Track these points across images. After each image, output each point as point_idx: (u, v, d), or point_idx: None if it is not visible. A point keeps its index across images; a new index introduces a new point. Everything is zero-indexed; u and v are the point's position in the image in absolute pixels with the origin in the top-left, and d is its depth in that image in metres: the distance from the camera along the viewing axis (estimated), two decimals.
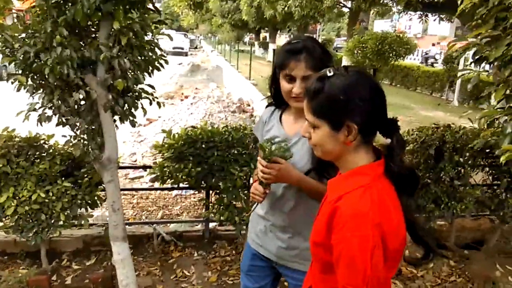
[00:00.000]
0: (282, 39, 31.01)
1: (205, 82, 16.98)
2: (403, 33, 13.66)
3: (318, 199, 1.42)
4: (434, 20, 8.89)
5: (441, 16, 10.86)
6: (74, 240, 3.43)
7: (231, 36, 32.84)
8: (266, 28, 29.21)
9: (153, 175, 3.33)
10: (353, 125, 1.04)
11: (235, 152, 3.28)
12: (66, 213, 3.01)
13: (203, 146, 3.26)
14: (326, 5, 13.88)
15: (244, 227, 3.28)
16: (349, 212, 1.00)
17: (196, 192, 5.15)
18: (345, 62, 13.72)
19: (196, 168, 3.19)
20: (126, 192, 4.90)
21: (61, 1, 2.46)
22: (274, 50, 25.64)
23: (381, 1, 12.20)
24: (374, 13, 17.99)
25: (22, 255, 3.31)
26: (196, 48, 37.50)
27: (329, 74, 1.07)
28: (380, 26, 21.06)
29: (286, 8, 17.11)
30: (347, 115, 1.04)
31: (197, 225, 4.13)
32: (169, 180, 3.36)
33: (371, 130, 1.09)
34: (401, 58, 12.46)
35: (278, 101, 1.72)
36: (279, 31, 30.84)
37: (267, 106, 1.86)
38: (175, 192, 5.22)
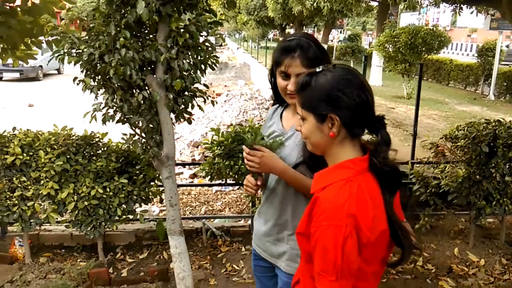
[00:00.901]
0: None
1: (233, 79, 17.07)
2: (436, 26, 13.35)
3: (305, 193, 1.45)
4: (471, 13, 8.61)
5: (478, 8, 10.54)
6: (127, 234, 3.56)
7: (256, 33, 32.86)
8: (292, 24, 29.07)
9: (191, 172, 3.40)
10: (335, 117, 1.09)
11: None
12: (122, 208, 3.13)
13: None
14: None
15: None
16: (327, 203, 1.05)
17: (236, 188, 5.26)
18: (376, 56, 13.54)
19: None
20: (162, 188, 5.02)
21: (121, 5, 2.56)
22: None
23: None
24: (404, 6, 17.62)
25: (79, 248, 3.47)
26: (221, 45, 37.70)
27: (318, 70, 1.14)
28: (406, 19, 20.58)
29: (314, 4, 17.01)
30: (330, 108, 1.10)
31: (240, 221, 4.20)
32: (217, 176, 3.45)
33: (356, 125, 1.12)
34: (435, 52, 12.24)
35: (278, 98, 1.72)
36: (304, 27, 30.69)
37: (273, 104, 1.84)
38: (215, 188, 5.31)
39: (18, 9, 3.20)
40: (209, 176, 3.47)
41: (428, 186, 3.55)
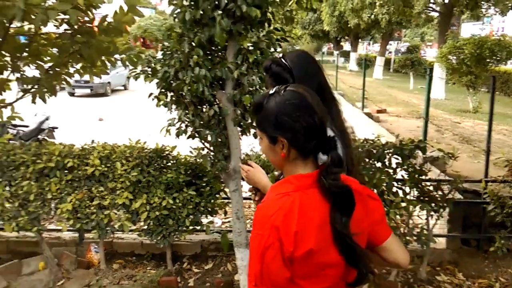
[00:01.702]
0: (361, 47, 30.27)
1: None
2: (504, 36, 12.59)
3: None
4: None
5: None
6: (193, 245, 3.67)
7: (310, 47, 32.90)
8: (347, 37, 28.79)
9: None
10: (284, 140, 1.12)
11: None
12: (190, 219, 3.23)
13: None
14: (417, 10, 13.27)
15: None
16: (259, 212, 1.10)
17: None
18: (438, 68, 13.01)
19: None
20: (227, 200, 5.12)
21: (194, 24, 2.69)
22: (356, 59, 25.17)
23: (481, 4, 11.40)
24: (468, 16, 16.83)
25: (149, 257, 3.62)
26: None
27: (270, 92, 1.16)
28: (469, 29, 19.59)
29: (372, 16, 16.76)
30: (278, 131, 1.12)
31: None
32: None
33: (305, 146, 1.13)
34: (503, 63, 11.54)
35: None
36: (360, 39, 30.25)
37: None
38: None
39: (96, 29, 3.48)
40: None
41: (504, 207, 3.33)
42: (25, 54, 3.59)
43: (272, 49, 2.73)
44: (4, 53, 3.56)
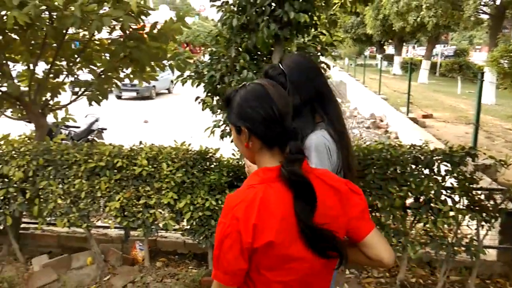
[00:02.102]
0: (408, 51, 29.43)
1: None
2: None
3: None
4: None
5: None
6: None
7: (352, 51, 32.40)
8: (391, 41, 28.12)
9: None
10: (244, 129, 1.19)
11: (394, 170, 3.19)
12: None
13: (360, 163, 3.25)
14: (467, 14, 12.75)
15: (401, 249, 3.15)
16: (226, 202, 1.16)
17: None
18: (489, 72, 12.42)
19: None
20: None
21: (241, 30, 2.74)
22: (400, 63, 24.51)
23: None
24: None
25: (190, 256, 3.69)
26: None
27: (238, 87, 1.24)
28: None
29: (418, 19, 16.28)
30: (240, 120, 1.19)
31: None
32: None
33: (266, 136, 1.18)
34: None
35: None
36: (405, 43, 29.44)
37: None
38: None
39: (145, 36, 3.61)
40: None
41: None
42: (79, 59, 3.80)
43: (319, 53, 2.73)
44: (60, 58, 3.79)
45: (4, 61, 3.54)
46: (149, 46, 3.57)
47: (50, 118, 4.03)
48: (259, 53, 2.83)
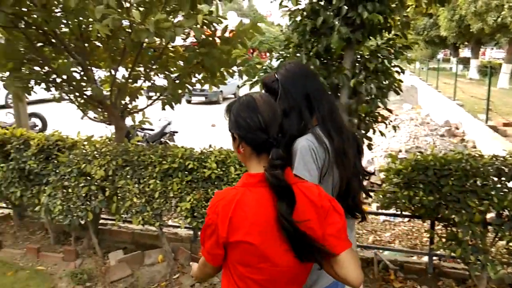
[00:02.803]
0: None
1: (398, 103, 16.25)
2: None
3: None
4: None
5: None
6: None
7: (424, 54, 30.85)
8: (467, 43, 26.37)
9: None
10: (236, 136, 1.34)
11: (473, 182, 2.97)
12: None
13: (435, 173, 3.07)
14: None
15: (480, 268, 2.92)
16: (213, 197, 1.33)
17: (406, 220, 4.93)
18: None
19: (428, 197, 3.01)
20: None
21: (311, 34, 2.71)
22: (478, 66, 22.87)
23: None
24: None
25: None
26: None
27: (237, 99, 1.39)
28: None
29: (498, 20, 15.12)
30: (233, 129, 1.34)
31: (412, 257, 3.91)
32: (390, 206, 3.29)
33: (252, 141, 1.31)
34: None
35: None
36: (482, 45, 27.44)
37: None
38: (382, 217, 5.08)
39: (218, 40, 3.72)
40: (382, 205, 3.33)
41: None
42: (155, 65, 4.01)
43: (393, 56, 2.63)
44: (138, 64, 4.03)
45: (89, 67, 3.84)
46: (221, 50, 3.67)
47: (128, 121, 4.29)
48: (329, 57, 2.79)
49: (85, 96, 3.85)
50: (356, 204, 1.64)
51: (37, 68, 3.71)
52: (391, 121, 2.90)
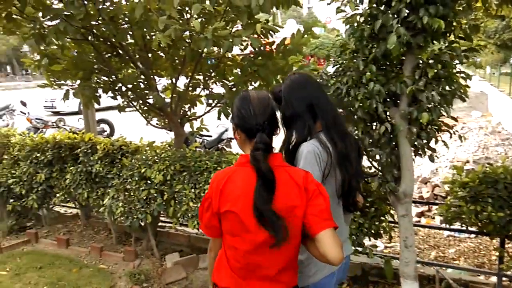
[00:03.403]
0: None
1: (466, 110, 15.26)
2: None
3: None
4: None
5: None
6: (354, 266, 3.54)
7: (495, 58, 28.78)
8: None
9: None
10: (233, 124, 1.59)
11: None
12: (352, 239, 3.13)
13: (506, 187, 2.83)
14: None
15: None
16: (212, 177, 1.57)
17: (473, 236, 4.59)
18: None
19: (498, 213, 2.78)
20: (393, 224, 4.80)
21: (369, 39, 2.62)
22: None
23: None
24: None
25: None
26: None
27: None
28: None
29: None
30: (232, 118, 1.60)
31: (479, 276, 3.62)
32: (454, 220, 3.07)
33: (245, 128, 1.53)
34: None
35: None
36: None
37: None
38: (446, 232, 4.77)
39: (274, 50, 3.73)
40: (446, 219, 3.12)
41: None
42: (214, 73, 4.11)
43: (457, 62, 2.47)
44: (198, 73, 4.16)
45: (152, 76, 4.02)
46: (276, 62, 3.69)
47: (186, 127, 4.43)
48: (388, 63, 2.68)
49: (147, 104, 4.03)
50: (354, 202, 1.81)
51: (104, 78, 3.95)
52: (456, 131, 2.71)
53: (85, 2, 3.17)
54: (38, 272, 3.78)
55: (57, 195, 4.39)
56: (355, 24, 2.56)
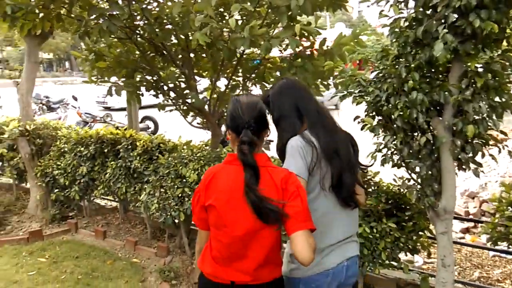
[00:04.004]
0: None
1: None
2: None
3: None
4: None
5: None
6: (388, 281, 3.39)
7: None
8: None
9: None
10: (226, 126, 1.77)
11: None
12: (387, 253, 2.99)
13: None
14: None
15: None
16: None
17: None
18: None
19: None
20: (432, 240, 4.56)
21: (413, 45, 2.49)
22: None
23: None
24: None
25: None
26: None
27: None
28: None
29: None
30: (225, 120, 1.78)
31: None
32: (501, 240, 2.85)
33: (233, 127, 1.67)
34: None
35: None
36: None
37: None
38: (492, 252, 4.46)
39: (315, 52, 3.64)
40: (491, 239, 2.91)
41: None
42: (253, 75, 4.09)
43: (510, 71, 2.28)
44: (237, 74, 4.16)
45: (192, 76, 4.06)
46: (316, 64, 3.60)
47: (224, 128, 4.44)
48: (432, 70, 2.53)
49: (187, 104, 4.08)
50: (349, 195, 1.82)
51: (147, 77, 4.04)
52: (506, 145, 2.51)
53: (131, 2, 3.26)
54: (75, 261, 3.93)
55: (98, 188, 4.55)
56: (398, 30, 2.43)
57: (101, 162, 4.51)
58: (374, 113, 2.67)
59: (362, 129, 2.72)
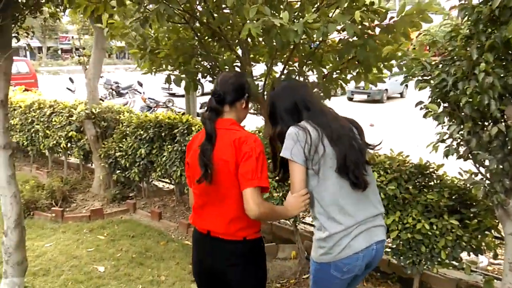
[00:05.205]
0: None
1: None
2: None
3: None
4: None
5: None
6: (447, 281, 3.16)
7: None
8: None
9: None
10: None
11: None
12: (447, 252, 2.77)
13: None
14: None
15: None
16: None
17: None
18: None
19: None
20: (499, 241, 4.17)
21: (488, 23, 2.23)
22: None
23: None
24: None
25: (394, 278, 3.35)
26: None
27: None
28: None
29: None
30: None
31: None
32: None
33: (211, 99, 1.94)
34: None
35: None
36: None
37: None
38: None
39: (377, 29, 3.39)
40: None
41: None
42: (310, 61, 3.95)
43: None
44: (293, 59, 4.04)
45: (248, 61, 4.01)
46: (379, 40, 3.35)
47: None
48: (509, 52, 2.24)
49: None
50: (356, 176, 1.82)
51: (203, 63, 4.05)
52: None
53: None
54: (130, 241, 4.10)
55: (156, 170, 4.69)
56: (470, 6, 2.18)
57: (159, 145, 4.64)
58: (439, 99, 2.44)
59: (424, 116, 2.50)
